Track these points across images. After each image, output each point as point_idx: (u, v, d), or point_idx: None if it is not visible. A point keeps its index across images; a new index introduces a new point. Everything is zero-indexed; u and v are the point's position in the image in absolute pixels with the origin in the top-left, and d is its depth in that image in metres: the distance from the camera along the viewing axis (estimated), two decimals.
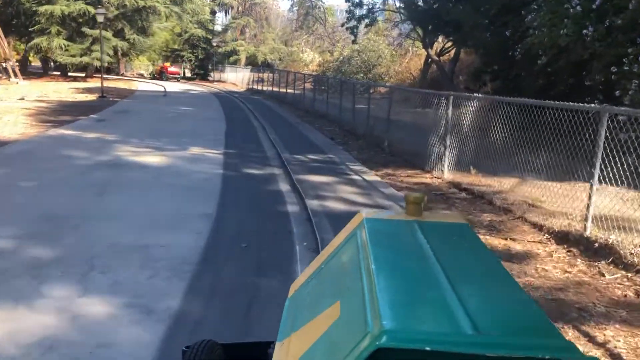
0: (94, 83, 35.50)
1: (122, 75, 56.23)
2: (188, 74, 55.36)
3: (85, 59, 35.17)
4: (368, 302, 1.26)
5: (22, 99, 21.40)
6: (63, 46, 34.99)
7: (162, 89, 32.98)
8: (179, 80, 51.71)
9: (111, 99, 23.44)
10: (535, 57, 11.57)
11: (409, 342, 1.07)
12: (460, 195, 7.94)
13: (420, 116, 12.05)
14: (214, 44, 51.03)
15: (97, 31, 35.42)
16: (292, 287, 1.97)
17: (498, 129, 8.22)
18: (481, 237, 4.52)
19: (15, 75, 32.14)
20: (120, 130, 13.56)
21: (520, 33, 12.70)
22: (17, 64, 33.93)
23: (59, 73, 40.38)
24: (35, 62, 47.62)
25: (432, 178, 9.30)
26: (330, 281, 1.70)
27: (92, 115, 16.70)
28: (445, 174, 9.21)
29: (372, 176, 9.29)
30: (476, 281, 1.46)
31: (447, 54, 29.46)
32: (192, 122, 16.24)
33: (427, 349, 1.05)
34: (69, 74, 39.18)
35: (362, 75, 36.54)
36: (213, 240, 5.37)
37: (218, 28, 60.25)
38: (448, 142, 9.31)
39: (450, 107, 9.36)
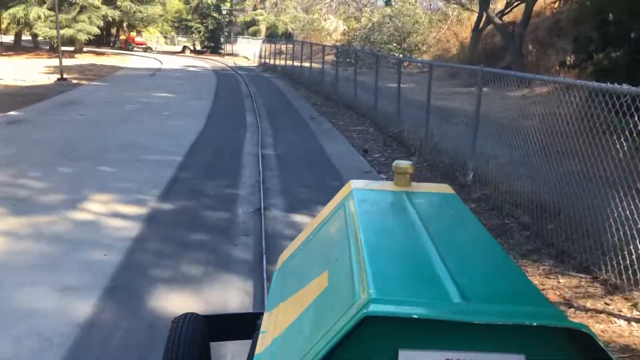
0: (82, 59, 30.28)
1: (127, 48, 51.06)
2: (198, 47, 49.77)
3: (69, 30, 29.82)
4: (356, 272, 1.26)
5: None
6: (43, 16, 29.67)
7: (156, 67, 27.56)
8: (187, 52, 46.53)
9: (74, 82, 18.12)
10: None
11: (396, 310, 1.06)
12: None
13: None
14: (224, 12, 45.12)
15: None
16: (281, 259, 1.97)
17: None
18: None
19: None
20: (10, 148, 8.21)
21: None
22: None
23: (47, 48, 35.36)
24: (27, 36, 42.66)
25: None
26: (319, 251, 1.70)
27: (10, 113, 11.38)
28: None
29: None
30: (464, 250, 1.46)
31: (508, 15, 23.25)
32: (147, 126, 10.76)
33: (415, 316, 1.04)
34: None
35: (395, 45, 30.54)
36: None
37: None
38: None
39: None
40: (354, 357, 1.07)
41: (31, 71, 21.78)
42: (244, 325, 2.15)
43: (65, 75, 20.06)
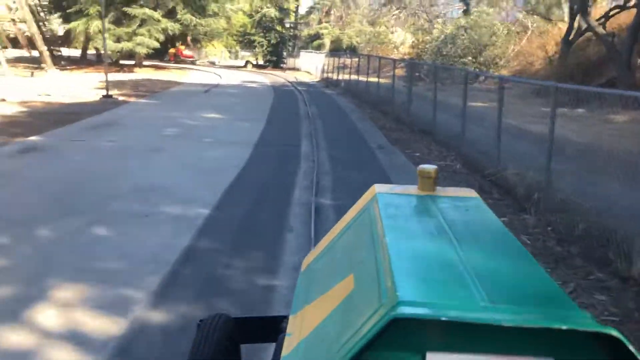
0: (141, 73, 29.48)
1: (191, 63, 50.72)
2: (260, 61, 48.70)
3: (128, 44, 29.02)
4: (382, 274, 1.25)
5: (3, 100, 15.24)
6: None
7: (214, 82, 26.20)
8: (253, 66, 45.55)
9: (121, 98, 16.74)
10: None
11: (424, 313, 1.04)
12: None
13: None
14: (287, 25, 43.76)
15: (144, 10, 29.37)
16: (305, 262, 1.92)
17: None
18: None
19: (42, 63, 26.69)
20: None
21: None
22: (48, 50, 28.37)
23: (110, 62, 35.01)
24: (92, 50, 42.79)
25: None
26: (343, 255, 1.68)
27: (30, 138, 9.82)
28: None
29: None
30: (490, 254, 1.43)
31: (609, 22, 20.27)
32: (180, 158, 8.93)
33: (443, 319, 1.02)
34: (120, 62, 33.59)
35: (470, 59, 27.92)
36: None
37: (302, 11, 54.20)
38: None
39: None
40: None
41: (84, 86, 20.76)
42: (269, 328, 2.09)
43: (115, 91, 18.85)
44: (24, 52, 32.45)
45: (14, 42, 37.39)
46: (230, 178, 7.28)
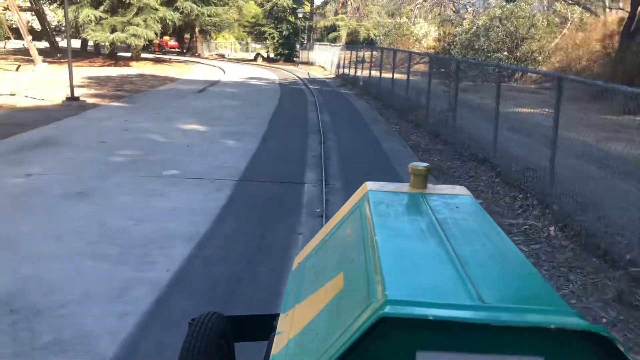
0: (137, 68, 26.38)
1: (197, 55, 47.54)
2: (271, 54, 45.44)
3: (120, 35, 25.88)
4: (372, 273, 1.26)
5: None
6: (94, 19, 25.93)
7: (215, 79, 23.04)
8: (259, 60, 42.43)
9: (91, 101, 13.60)
10: None
11: (413, 312, 1.05)
12: None
13: None
14: (300, 15, 40.37)
15: None
16: (296, 260, 1.92)
17: None
18: None
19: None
20: None
21: None
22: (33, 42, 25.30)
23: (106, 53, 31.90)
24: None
25: None
26: (334, 253, 1.68)
27: None
28: None
29: None
30: (481, 252, 1.42)
31: None
32: (108, 215, 5.74)
33: (431, 318, 1.02)
34: (118, 55, 30.53)
35: (505, 54, 24.54)
36: None
37: (317, 1, 51.18)
38: None
39: None
40: (371, 359, 1.05)
41: (63, 84, 17.68)
42: (261, 327, 2.06)
43: (92, 91, 15.82)
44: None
45: (18, 32, 34.71)
46: (170, 273, 4.09)
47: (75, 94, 14.00)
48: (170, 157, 7.96)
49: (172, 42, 44.23)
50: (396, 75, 15.21)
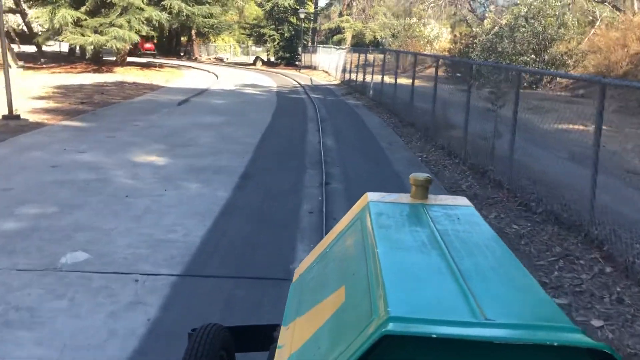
0: (120, 74, 23.61)
1: (194, 59, 44.76)
2: (272, 58, 42.68)
3: (99, 38, 23.08)
4: (374, 287, 1.23)
5: None
6: (72, 20, 23.18)
7: (204, 87, 20.27)
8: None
9: (34, 120, 10.78)
10: None
11: (415, 330, 1.03)
12: None
13: None
14: (302, 16, 37.59)
15: None
16: (297, 272, 1.88)
17: None
18: None
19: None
20: None
21: None
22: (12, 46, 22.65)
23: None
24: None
25: None
26: (335, 265, 1.65)
27: None
28: None
29: None
30: (483, 266, 1.38)
31: None
32: None
33: (434, 336, 1.00)
34: (104, 59, 27.83)
35: (532, 56, 21.82)
36: None
37: (321, 3, 48.89)
38: None
39: None
40: None
41: (24, 94, 14.95)
42: (260, 337, 2.07)
43: (50, 103, 13.09)
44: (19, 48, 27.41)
45: (10, 37, 32.09)
46: None
47: (29, 108, 11.24)
48: (88, 221, 5.16)
49: (148, 45, 41.35)
50: (416, 83, 12.39)
